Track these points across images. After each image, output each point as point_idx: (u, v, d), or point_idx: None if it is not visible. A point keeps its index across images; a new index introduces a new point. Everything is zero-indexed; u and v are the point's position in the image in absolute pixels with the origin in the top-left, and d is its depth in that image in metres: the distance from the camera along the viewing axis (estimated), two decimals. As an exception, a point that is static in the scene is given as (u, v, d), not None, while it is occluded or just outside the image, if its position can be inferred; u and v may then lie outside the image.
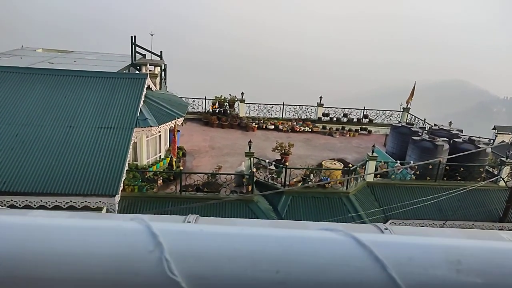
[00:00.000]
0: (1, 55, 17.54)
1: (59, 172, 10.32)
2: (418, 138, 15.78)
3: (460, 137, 16.90)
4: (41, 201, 9.93)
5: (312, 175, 13.60)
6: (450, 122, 19.44)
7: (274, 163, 14.17)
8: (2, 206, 9.77)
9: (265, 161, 14.22)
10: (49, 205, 9.98)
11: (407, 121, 21.71)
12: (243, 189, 12.96)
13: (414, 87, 21.92)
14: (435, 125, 19.10)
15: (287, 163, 14.48)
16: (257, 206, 12.17)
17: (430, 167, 14.36)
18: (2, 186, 9.80)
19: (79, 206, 10.10)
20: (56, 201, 10.01)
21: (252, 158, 13.27)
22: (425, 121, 21.18)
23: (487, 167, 15.76)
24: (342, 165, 14.75)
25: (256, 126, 20.77)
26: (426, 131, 17.69)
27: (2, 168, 10.18)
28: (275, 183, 13.48)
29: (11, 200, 9.80)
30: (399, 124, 18.03)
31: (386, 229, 3.02)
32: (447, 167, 15.00)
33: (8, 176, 10.02)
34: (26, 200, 9.87)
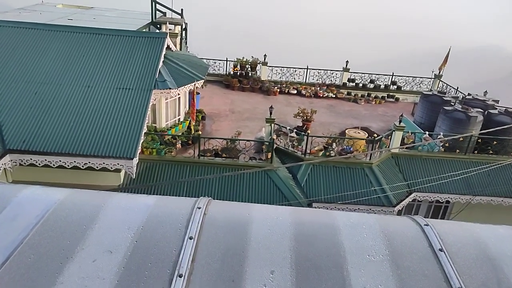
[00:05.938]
0: (21, 10, 17.25)
1: (77, 133, 10.22)
2: (450, 108, 14.88)
3: (496, 108, 15.87)
4: (60, 161, 9.92)
5: (334, 144, 13.11)
6: (485, 91, 18.21)
7: (295, 130, 13.70)
8: (23, 164, 9.86)
9: (286, 127, 13.77)
10: (68, 165, 9.98)
11: (439, 89, 20.53)
12: (263, 156, 12.65)
13: (448, 52, 20.52)
14: (469, 94, 17.96)
15: (309, 131, 13.99)
16: (276, 174, 11.88)
17: (461, 139, 13.58)
18: (22, 145, 9.81)
19: (97, 167, 10.07)
20: (74, 161, 9.99)
21: (272, 125, 12.83)
22: (458, 89, 19.94)
23: (523, 141, 14.81)
24: (366, 134, 14.17)
25: (278, 90, 20.14)
26: (459, 101, 16.67)
27: (22, 127, 10.15)
28: (296, 151, 13.09)
29: (31, 159, 9.84)
30: (430, 93, 17.03)
31: (427, 225, 2.56)
32: (479, 140, 14.16)
33: (28, 135, 9.99)
34: (45, 160, 9.88)
